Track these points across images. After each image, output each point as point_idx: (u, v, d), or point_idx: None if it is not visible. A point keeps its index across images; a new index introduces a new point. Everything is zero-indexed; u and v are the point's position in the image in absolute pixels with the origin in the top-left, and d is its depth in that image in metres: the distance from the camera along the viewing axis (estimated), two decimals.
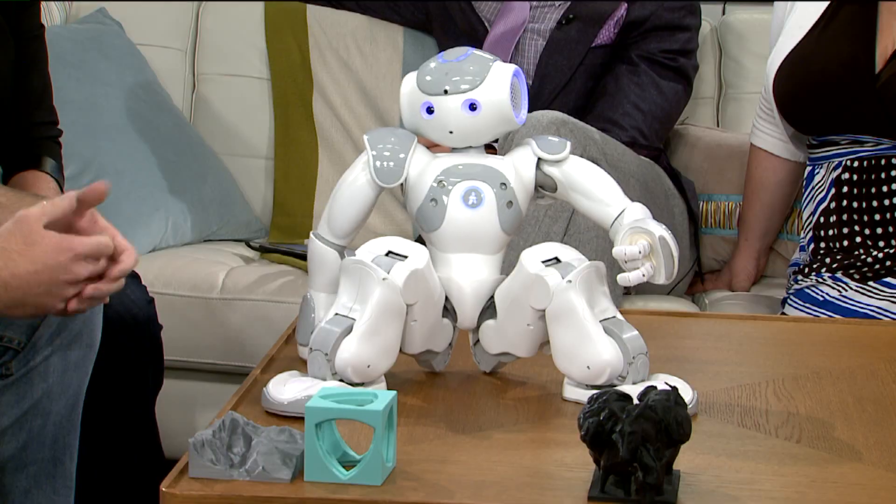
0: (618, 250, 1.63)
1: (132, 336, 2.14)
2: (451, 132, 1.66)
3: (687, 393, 1.63)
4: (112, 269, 1.65)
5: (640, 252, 1.62)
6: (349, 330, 1.61)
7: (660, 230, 1.63)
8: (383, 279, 1.61)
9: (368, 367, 1.61)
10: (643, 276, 1.62)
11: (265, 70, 3.03)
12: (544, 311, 1.65)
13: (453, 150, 1.69)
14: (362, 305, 1.61)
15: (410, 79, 1.69)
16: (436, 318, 1.68)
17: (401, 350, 1.66)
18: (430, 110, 1.66)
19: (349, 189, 1.69)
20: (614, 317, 1.66)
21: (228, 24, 3.05)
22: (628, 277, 1.62)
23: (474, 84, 1.65)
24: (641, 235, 1.63)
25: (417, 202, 1.67)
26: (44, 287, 1.61)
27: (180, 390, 2.70)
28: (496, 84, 1.65)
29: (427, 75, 1.67)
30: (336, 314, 1.62)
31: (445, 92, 1.65)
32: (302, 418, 1.46)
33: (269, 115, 3.02)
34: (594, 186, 1.68)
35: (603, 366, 1.62)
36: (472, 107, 1.65)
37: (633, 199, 1.69)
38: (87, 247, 1.62)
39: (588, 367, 1.63)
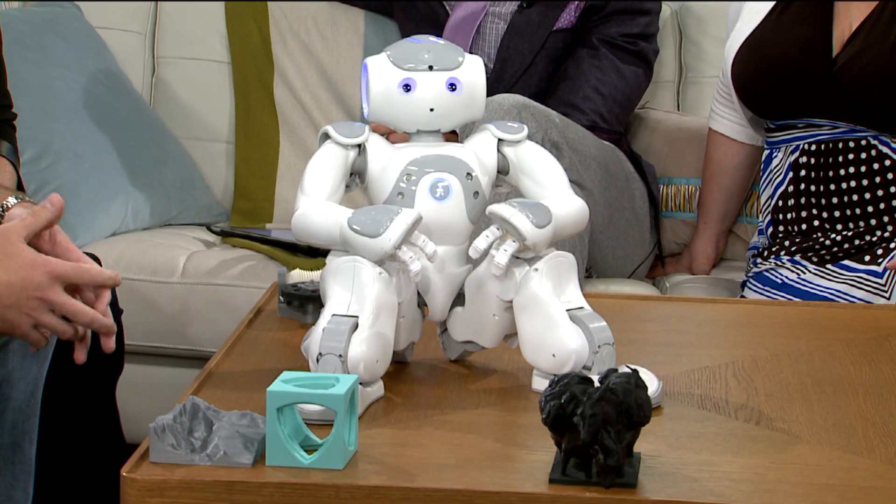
0: (471, 250, 1.63)
1: None
2: (431, 109, 1.65)
3: (652, 383, 1.62)
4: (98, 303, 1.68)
5: (487, 237, 1.62)
6: (354, 327, 1.58)
7: (490, 207, 1.62)
8: (379, 273, 1.60)
9: (377, 362, 1.59)
10: (506, 251, 1.61)
11: (225, 53, 3.02)
12: (510, 302, 1.65)
13: (412, 138, 1.67)
14: (360, 303, 1.59)
15: (379, 60, 1.65)
16: (415, 311, 1.69)
17: None
18: (407, 88, 1.64)
19: (318, 156, 1.65)
20: (582, 308, 1.64)
21: (188, 8, 3.04)
22: (498, 263, 1.62)
23: (456, 63, 1.65)
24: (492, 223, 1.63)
25: (383, 196, 1.65)
26: (13, 299, 1.63)
27: (141, 375, 2.70)
28: (474, 66, 1.66)
29: (404, 54, 1.65)
30: (333, 315, 1.59)
31: (430, 68, 1.64)
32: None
33: (230, 98, 3.01)
34: (541, 171, 1.68)
35: (568, 354, 1.61)
36: (453, 86, 1.64)
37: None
38: (63, 267, 1.63)
39: (553, 356, 1.62)
